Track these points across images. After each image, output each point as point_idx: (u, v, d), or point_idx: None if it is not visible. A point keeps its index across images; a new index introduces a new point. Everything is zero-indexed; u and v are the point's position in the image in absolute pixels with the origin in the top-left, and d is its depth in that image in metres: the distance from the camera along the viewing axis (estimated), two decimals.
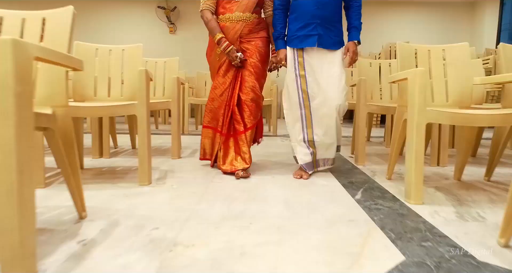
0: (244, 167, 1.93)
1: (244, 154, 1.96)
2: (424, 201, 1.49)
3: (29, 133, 0.85)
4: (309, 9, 1.86)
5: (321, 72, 1.90)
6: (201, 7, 2.03)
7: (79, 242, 1.05)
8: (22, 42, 0.82)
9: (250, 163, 1.97)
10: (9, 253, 0.81)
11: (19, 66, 0.81)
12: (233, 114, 2.01)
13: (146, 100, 1.69)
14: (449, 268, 0.91)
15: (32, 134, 0.85)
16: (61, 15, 1.29)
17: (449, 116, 1.44)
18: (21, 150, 0.81)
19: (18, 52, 0.81)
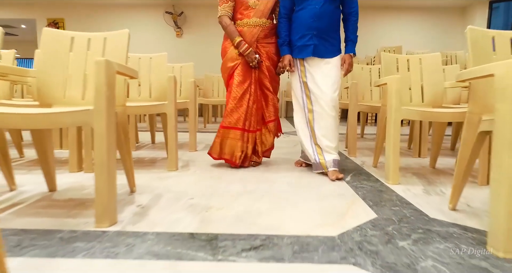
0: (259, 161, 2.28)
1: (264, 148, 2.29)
2: (400, 182, 1.84)
3: (113, 124, 1.20)
4: (306, 21, 2.01)
5: (320, 77, 2.02)
6: (219, 13, 2.16)
7: (138, 206, 1.41)
8: (110, 61, 1.18)
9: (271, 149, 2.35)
10: (101, 208, 1.17)
11: (108, 77, 1.17)
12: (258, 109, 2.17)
13: (174, 101, 2.04)
14: (408, 221, 1.27)
15: (115, 125, 1.21)
16: (119, 36, 1.61)
17: (419, 113, 1.80)
18: (109, 136, 1.17)
19: (108, 69, 1.17)
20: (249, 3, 2.15)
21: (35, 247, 1.02)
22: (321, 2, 1.98)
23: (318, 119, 2.03)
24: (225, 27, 2.16)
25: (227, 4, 2.16)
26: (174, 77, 2.03)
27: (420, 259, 0.97)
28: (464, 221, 1.28)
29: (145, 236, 1.10)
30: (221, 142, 2.17)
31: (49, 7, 7.98)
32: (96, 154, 1.15)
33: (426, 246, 1.05)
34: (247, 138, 2.17)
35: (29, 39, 12.00)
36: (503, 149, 0.98)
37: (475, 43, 1.38)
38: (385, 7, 7.62)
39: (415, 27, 7.80)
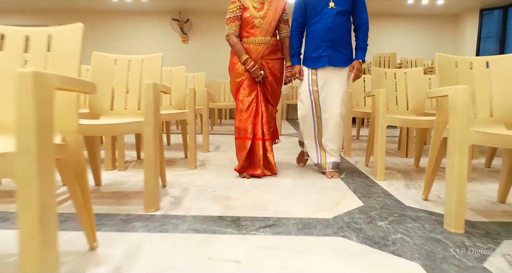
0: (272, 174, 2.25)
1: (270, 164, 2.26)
2: (386, 178, 2.17)
3: (158, 131, 1.52)
4: (320, 34, 2.16)
5: (331, 87, 2.18)
6: (226, 32, 2.27)
7: (172, 197, 1.74)
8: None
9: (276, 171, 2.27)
10: (148, 196, 1.50)
11: (155, 96, 1.47)
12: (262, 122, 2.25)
13: (194, 109, 2.34)
14: (387, 208, 1.60)
15: (160, 132, 1.54)
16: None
17: (400, 120, 2.14)
18: (156, 141, 1.49)
19: (155, 90, 1.48)
20: (254, 23, 2.26)
21: (104, 225, 1.35)
22: (332, 16, 2.13)
23: (326, 125, 2.20)
24: (232, 45, 2.27)
25: (234, 24, 2.27)
26: (194, 89, 2.34)
27: (392, 234, 1.30)
28: (432, 208, 1.61)
29: (184, 218, 1.43)
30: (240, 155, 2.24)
31: (62, 13, 8.30)
32: (145, 154, 1.48)
33: (398, 225, 1.38)
34: (258, 146, 2.22)
35: None
36: (454, 151, 1.30)
37: (441, 67, 1.67)
38: (380, 14, 7.94)
39: (409, 34, 8.13)
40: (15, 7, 8.04)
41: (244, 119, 2.24)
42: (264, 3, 2.29)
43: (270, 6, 2.28)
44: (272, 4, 2.29)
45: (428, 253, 1.13)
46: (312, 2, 2.19)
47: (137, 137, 2.71)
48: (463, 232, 1.31)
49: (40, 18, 8.38)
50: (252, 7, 2.27)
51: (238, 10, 2.27)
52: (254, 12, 2.25)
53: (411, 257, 1.10)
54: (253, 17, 2.25)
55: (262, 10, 2.27)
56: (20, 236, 0.69)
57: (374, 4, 7.23)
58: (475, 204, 1.69)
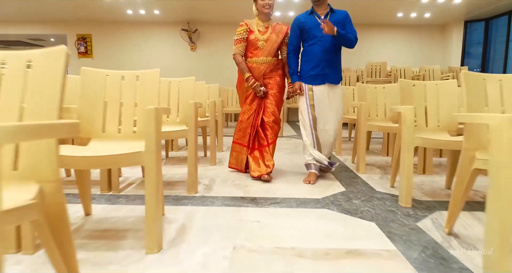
0: (268, 171, 2.42)
1: (268, 162, 2.45)
2: (366, 172, 2.75)
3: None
4: (318, 54, 2.36)
5: (326, 101, 2.40)
6: (234, 51, 2.51)
7: (204, 185, 2.31)
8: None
9: (272, 168, 2.46)
10: (190, 182, 2.07)
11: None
12: (258, 132, 2.51)
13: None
14: (362, 192, 2.17)
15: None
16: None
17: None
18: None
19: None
20: (258, 44, 2.48)
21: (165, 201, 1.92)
22: (329, 39, 2.33)
23: (321, 134, 2.44)
24: (237, 63, 2.51)
25: (240, 45, 2.50)
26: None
27: (361, 207, 1.87)
28: (394, 192, 2.18)
29: (217, 198, 2.01)
30: (232, 154, 2.66)
31: (79, 24, 8.88)
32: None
33: (367, 202, 1.96)
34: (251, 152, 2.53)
35: None
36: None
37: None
38: (372, 24, 8.51)
39: (399, 43, 8.70)
40: (37, 18, 8.61)
41: (243, 128, 2.54)
42: (268, 27, 2.51)
43: (273, 30, 2.50)
44: (275, 28, 2.52)
45: (383, 218, 1.71)
46: (309, 26, 2.37)
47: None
48: (410, 206, 1.88)
49: (60, 28, 8.96)
50: (257, 30, 2.49)
51: (244, 32, 2.50)
52: (259, 35, 2.48)
53: (371, 219, 1.68)
54: (257, 39, 2.47)
55: (266, 34, 2.49)
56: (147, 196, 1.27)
57: (366, 15, 7.80)
58: (427, 189, 2.26)
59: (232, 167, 2.71)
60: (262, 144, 2.51)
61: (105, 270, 1.19)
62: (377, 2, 6.74)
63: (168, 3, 7.14)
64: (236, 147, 2.64)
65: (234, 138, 2.64)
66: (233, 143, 2.65)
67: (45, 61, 1.01)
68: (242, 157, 2.62)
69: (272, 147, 2.53)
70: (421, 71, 6.90)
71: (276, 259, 1.27)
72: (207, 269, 1.19)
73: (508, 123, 1.06)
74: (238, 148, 2.63)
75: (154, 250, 1.30)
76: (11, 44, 12.04)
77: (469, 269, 1.21)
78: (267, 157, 2.47)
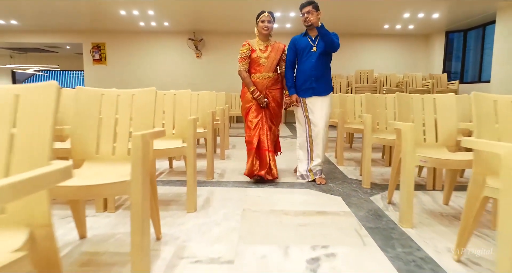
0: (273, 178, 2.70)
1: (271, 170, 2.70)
2: (344, 164, 3.42)
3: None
4: (307, 71, 2.69)
5: (317, 110, 2.71)
6: (238, 68, 2.77)
7: (217, 173, 2.99)
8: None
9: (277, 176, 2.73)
10: (209, 172, 2.76)
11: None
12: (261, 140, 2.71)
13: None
14: (337, 178, 2.86)
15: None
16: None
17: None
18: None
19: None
20: (260, 62, 2.75)
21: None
22: (316, 57, 2.65)
23: (315, 139, 2.73)
24: (243, 78, 2.77)
25: (244, 62, 2.77)
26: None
27: (334, 188, 2.55)
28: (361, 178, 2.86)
29: (228, 182, 2.69)
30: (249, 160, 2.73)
31: (93, 33, 9.55)
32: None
33: (339, 185, 2.64)
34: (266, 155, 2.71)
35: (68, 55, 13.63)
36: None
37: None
38: (360, 34, 9.19)
39: (386, 52, 9.38)
40: (56, 27, 9.28)
41: (252, 135, 2.75)
42: (268, 46, 2.78)
43: (272, 48, 2.77)
44: (274, 46, 2.79)
45: (347, 194, 2.39)
46: (300, 46, 2.72)
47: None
48: (369, 187, 2.56)
49: (76, 37, 9.63)
50: (259, 49, 2.76)
51: (247, 51, 2.76)
52: (260, 53, 2.75)
53: (338, 195, 2.36)
54: (259, 57, 2.74)
55: (266, 52, 2.76)
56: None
57: (356, 26, 8.48)
58: (387, 177, 2.94)
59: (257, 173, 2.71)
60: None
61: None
62: (365, 15, 7.42)
63: (177, 15, 7.82)
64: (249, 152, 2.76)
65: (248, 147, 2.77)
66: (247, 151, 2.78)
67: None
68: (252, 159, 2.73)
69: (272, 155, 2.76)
70: (405, 78, 7.57)
71: (271, 215, 1.96)
72: (227, 220, 1.87)
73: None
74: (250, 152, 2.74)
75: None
76: (28, 51, 12.72)
77: (393, 221, 1.89)
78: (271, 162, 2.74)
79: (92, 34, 9.55)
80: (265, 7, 3.26)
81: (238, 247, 1.55)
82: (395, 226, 1.82)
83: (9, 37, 9.76)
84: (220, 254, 1.48)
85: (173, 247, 1.54)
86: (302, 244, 1.59)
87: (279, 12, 7.05)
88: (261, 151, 2.73)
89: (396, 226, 1.82)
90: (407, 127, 1.84)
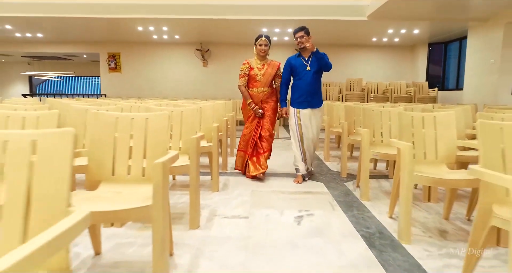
0: (262, 171, 3.19)
1: (263, 165, 3.21)
2: (330, 160, 4.21)
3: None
4: (302, 87, 3.07)
5: (309, 121, 3.09)
6: (239, 83, 3.26)
7: (230, 167, 3.78)
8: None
9: (266, 169, 3.21)
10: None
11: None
12: (257, 143, 3.26)
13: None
14: (323, 171, 3.64)
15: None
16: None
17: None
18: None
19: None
20: (256, 78, 3.22)
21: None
22: (310, 76, 3.05)
23: (306, 146, 3.14)
24: (242, 92, 3.29)
25: (244, 78, 3.25)
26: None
27: (318, 177, 3.34)
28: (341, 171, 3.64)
29: (239, 173, 3.47)
30: (237, 159, 3.43)
31: (109, 44, 10.35)
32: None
33: (324, 175, 3.42)
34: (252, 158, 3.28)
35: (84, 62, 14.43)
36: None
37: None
38: (350, 45, 9.99)
39: (375, 61, 10.18)
40: (76, 39, 10.08)
41: (246, 140, 3.35)
42: (264, 64, 3.25)
43: (268, 66, 3.24)
44: (270, 65, 3.26)
45: (328, 181, 3.18)
46: (295, 66, 3.10)
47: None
48: (345, 176, 3.35)
49: (93, 47, 10.44)
50: (256, 67, 3.23)
51: (246, 69, 3.24)
52: (257, 71, 3.22)
53: (321, 181, 3.15)
54: (256, 74, 3.21)
55: (263, 69, 3.23)
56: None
57: (347, 39, 9.27)
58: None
59: (237, 169, 3.44)
60: (259, 152, 3.29)
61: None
62: (354, 31, 8.21)
63: (187, 29, 8.61)
64: (240, 154, 3.40)
65: (239, 148, 3.40)
66: (238, 151, 3.42)
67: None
68: (244, 161, 3.36)
69: (267, 155, 3.28)
70: (390, 86, 8.36)
71: (271, 194, 2.74)
72: (241, 196, 2.66)
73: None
74: (242, 155, 3.39)
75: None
76: (46, 58, 13.52)
77: (356, 197, 2.67)
78: (262, 161, 3.23)
79: (108, 45, 10.35)
80: (263, 24, 4.02)
81: (250, 210, 2.34)
82: (356, 200, 2.60)
83: (32, 47, 10.59)
84: (239, 213, 2.27)
85: (208, 210, 2.33)
86: (292, 209, 2.38)
87: (278, 28, 7.84)
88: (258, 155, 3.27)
89: (357, 200, 2.60)
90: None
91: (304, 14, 6.81)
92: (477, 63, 7.06)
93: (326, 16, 6.80)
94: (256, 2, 6.74)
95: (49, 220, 0.86)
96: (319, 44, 6.18)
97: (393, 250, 1.77)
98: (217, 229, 2.03)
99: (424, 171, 1.98)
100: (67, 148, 0.94)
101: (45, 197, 0.91)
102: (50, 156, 0.94)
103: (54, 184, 0.91)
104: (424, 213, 2.36)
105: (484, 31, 6.85)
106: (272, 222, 2.14)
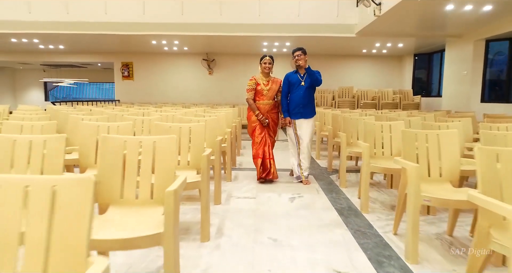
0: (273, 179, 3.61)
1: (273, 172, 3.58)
2: (321, 159, 4.98)
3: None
4: (297, 100, 3.51)
5: (304, 129, 3.55)
6: (246, 96, 3.66)
7: (238, 164, 4.56)
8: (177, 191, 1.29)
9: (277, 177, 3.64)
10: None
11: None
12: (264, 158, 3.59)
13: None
14: (316, 170, 4.42)
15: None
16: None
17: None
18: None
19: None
20: (263, 93, 3.63)
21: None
22: (304, 90, 3.48)
23: (302, 151, 3.62)
24: (249, 104, 3.66)
25: (251, 92, 3.64)
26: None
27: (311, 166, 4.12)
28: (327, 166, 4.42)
29: (246, 168, 4.25)
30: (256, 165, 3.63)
31: (123, 54, 11.14)
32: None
33: (314, 170, 4.20)
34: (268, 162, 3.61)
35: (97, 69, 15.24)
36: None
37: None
38: (342, 55, 10.78)
39: (365, 70, 10.98)
40: (92, 49, 10.88)
41: (257, 148, 3.64)
42: (269, 81, 3.68)
43: (272, 83, 3.69)
44: (274, 81, 3.70)
45: (317, 174, 3.98)
46: (292, 81, 3.56)
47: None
48: (331, 170, 4.13)
49: (108, 57, 11.24)
50: (262, 83, 3.66)
51: (253, 84, 3.65)
52: (263, 87, 3.65)
53: (317, 181, 3.93)
54: (262, 89, 3.65)
55: (268, 85, 3.67)
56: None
57: (339, 49, 10.05)
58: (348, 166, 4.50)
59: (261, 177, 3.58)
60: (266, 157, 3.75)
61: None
62: (345, 44, 8.99)
63: (195, 43, 9.41)
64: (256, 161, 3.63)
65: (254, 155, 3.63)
66: (253, 159, 3.64)
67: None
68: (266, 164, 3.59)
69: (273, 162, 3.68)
70: (378, 93, 9.15)
71: (273, 184, 3.53)
72: (249, 185, 3.45)
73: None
74: (257, 162, 3.62)
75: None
76: (62, 66, 14.33)
77: (336, 185, 3.45)
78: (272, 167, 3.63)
79: (122, 55, 11.15)
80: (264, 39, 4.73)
81: (256, 193, 3.14)
82: (336, 187, 3.40)
83: (51, 57, 11.39)
84: (248, 195, 3.08)
85: (226, 193, 3.11)
86: (288, 193, 3.18)
87: (277, 42, 8.64)
88: (264, 160, 3.61)
89: (337, 187, 3.39)
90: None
91: (300, 32, 7.60)
92: (453, 73, 7.86)
93: (318, 33, 7.60)
94: (258, 21, 7.55)
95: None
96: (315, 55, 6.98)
97: (355, 217, 2.55)
98: (234, 204, 2.83)
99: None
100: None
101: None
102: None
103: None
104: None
105: (459, 46, 7.66)
106: (273, 201, 2.93)
